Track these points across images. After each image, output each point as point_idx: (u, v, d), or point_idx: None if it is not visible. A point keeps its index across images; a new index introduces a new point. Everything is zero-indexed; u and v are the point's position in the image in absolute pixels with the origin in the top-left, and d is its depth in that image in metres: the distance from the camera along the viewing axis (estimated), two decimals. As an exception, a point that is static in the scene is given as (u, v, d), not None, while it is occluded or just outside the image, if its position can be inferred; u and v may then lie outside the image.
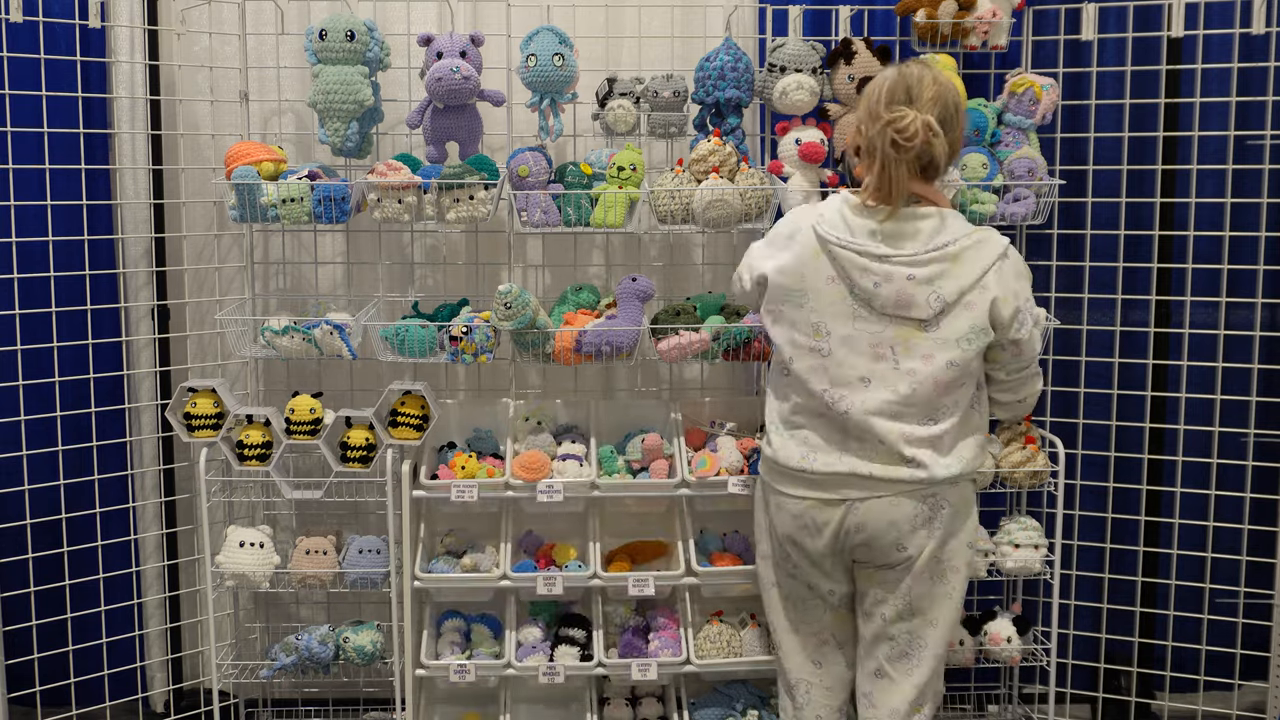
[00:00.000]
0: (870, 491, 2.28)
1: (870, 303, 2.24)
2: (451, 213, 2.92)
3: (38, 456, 3.07)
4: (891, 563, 2.33)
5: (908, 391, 2.25)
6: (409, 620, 2.92)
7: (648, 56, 3.28)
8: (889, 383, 2.25)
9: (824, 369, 2.29)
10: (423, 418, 2.96)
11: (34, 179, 3.07)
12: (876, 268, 2.23)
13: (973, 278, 2.23)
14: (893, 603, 2.36)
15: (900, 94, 2.23)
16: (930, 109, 2.22)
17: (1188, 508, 3.27)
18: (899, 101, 2.23)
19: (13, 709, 3.15)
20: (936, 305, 2.23)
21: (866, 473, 2.27)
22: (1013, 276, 2.28)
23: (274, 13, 3.16)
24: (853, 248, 2.24)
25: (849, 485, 2.30)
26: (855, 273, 2.24)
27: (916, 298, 2.22)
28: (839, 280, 2.26)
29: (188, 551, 3.33)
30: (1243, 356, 3.22)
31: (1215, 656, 3.24)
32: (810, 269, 2.29)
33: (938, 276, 2.22)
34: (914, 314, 2.23)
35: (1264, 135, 3.15)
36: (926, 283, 2.22)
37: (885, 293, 2.23)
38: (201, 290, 3.31)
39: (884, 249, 2.23)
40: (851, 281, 2.25)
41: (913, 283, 2.22)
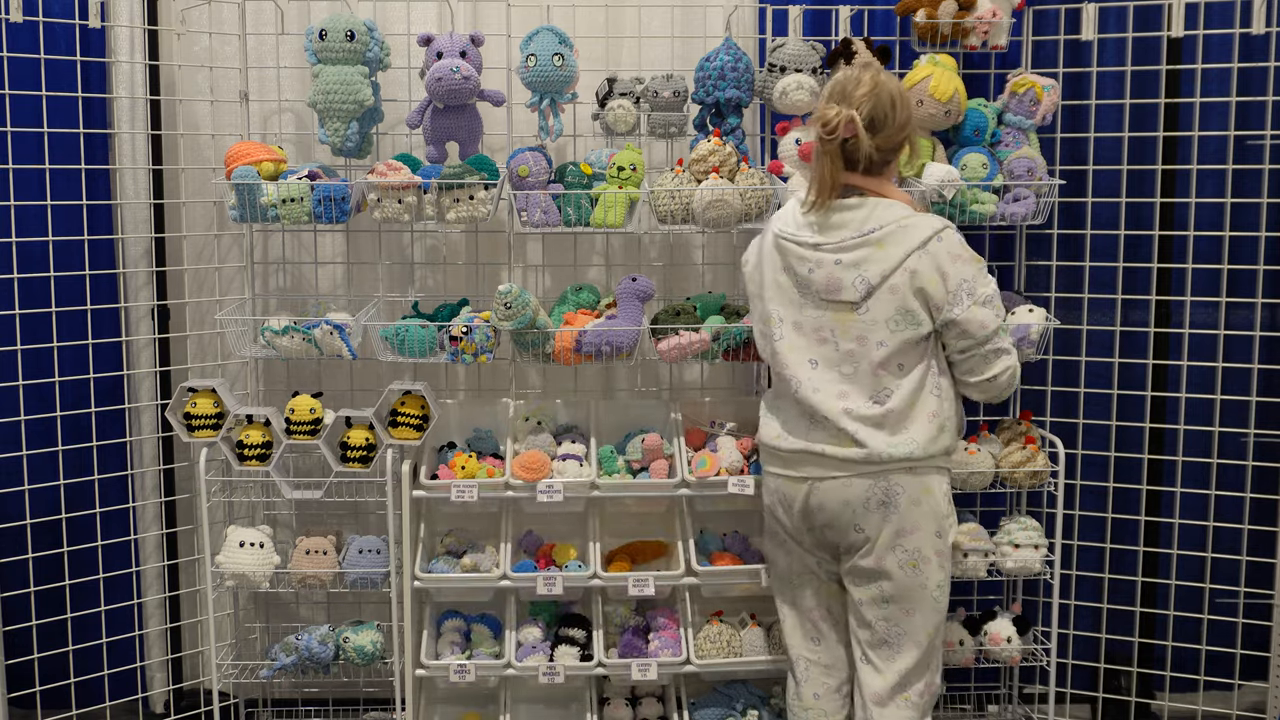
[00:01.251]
0: (826, 471, 2.43)
1: (807, 289, 2.41)
2: (451, 213, 2.92)
3: (38, 456, 3.07)
4: (853, 545, 2.45)
5: (849, 371, 2.40)
6: (409, 620, 2.92)
7: (648, 56, 3.28)
8: (832, 364, 2.41)
9: (784, 353, 2.46)
10: (423, 418, 2.96)
11: (34, 179, 3.07)
12: (810, 255, 2.39)
13: (895, 261, 2.33)
14: (866, 588, 2.46)
15: (836, 92, 2.38)
16: (862, 105, 2.33)
17: (1188, 508, 3.27)
18: (833, 99, 2.37)
19: (13, 709, 3.15)
20: (862, 288, 2.35)
21: (819, 450, 2.42)
22: (947, 259, 2.35)
23: (274, 13, 3.16)
24: (793, 239, 2.41)
25: (808, 464, 2.45)
26: (794, 261, 2.41)
27: (844, 281, 2.36)
28: (785, 271, 2.44)
29: (188, 551, 3.33)
30: (1243, 356, 3.22)
31: (1215, 656, 3.24)
32: (768, 263, 2.49)
33: (863, 261, 2.34)
34: (843, 297, 2.37)
35: (1264, 135, 3.15)
36: (852, 267, 2.35)
37: (818, 278, 2.39)
38: (201, 290, 3.31)
39: (817, 237, 2.38)
40: (793, 271, 2.42)
41: (839, 267, 2.36)
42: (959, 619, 3.13)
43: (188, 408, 3.00)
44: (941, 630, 2.50)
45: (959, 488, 3.06)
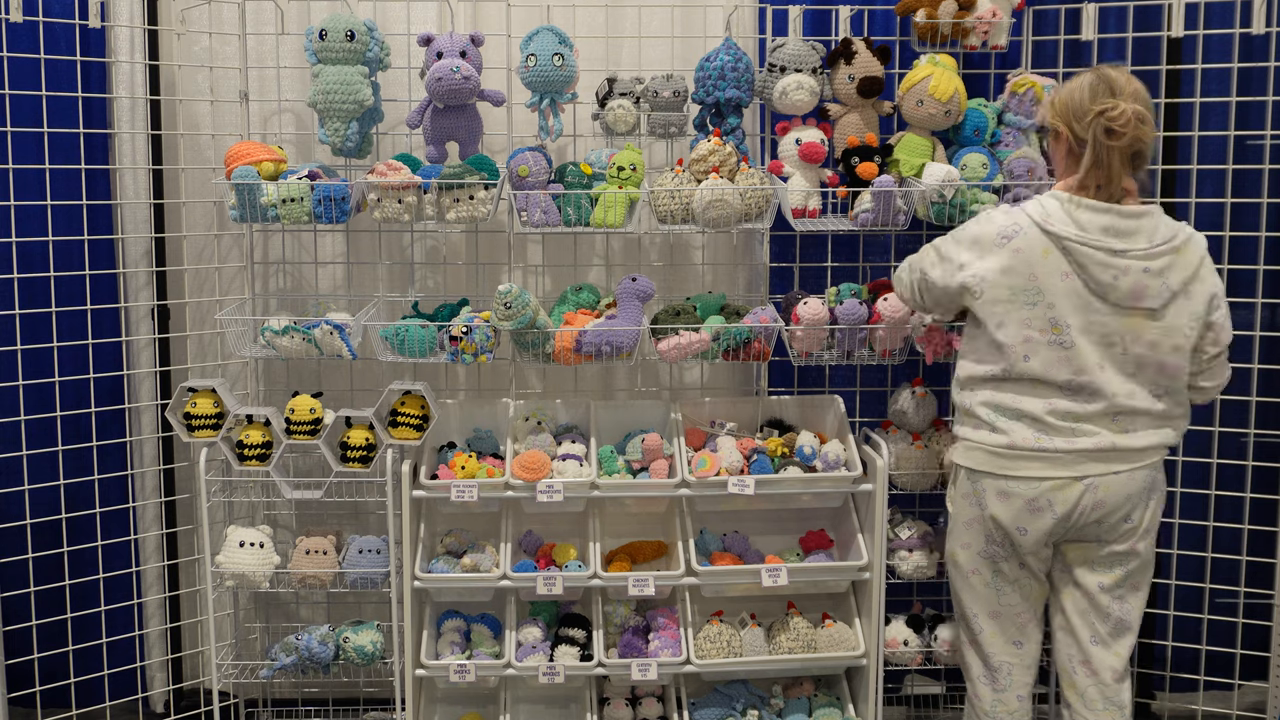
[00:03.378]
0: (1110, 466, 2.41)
1: (1105, 296, 2.36)
2: (451, 213, 2.92)
3: (38, 456, 3.07)
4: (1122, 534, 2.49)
5: (1132, 372, 2.39)
6: (409, 620, 2.92)
7: (648, 56, 3.28)
8: (1120, 367, 2.38)
9: (1067, 360, 2.38)
10: (423, 418, 2.96)
11: (34, 179, 3.07)
12: (1116, 262, 2.34)
13: (1193, 268, 2.37)
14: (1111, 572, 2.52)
15: (1102, 89, 2.35)
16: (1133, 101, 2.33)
17: (1188, 508, 3.27)
18: (1103, 95, 2.34)
19: (13, 709, 3.15)
20: (1165, 295, 2.36)
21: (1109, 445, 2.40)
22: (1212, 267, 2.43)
23: (274, 13, 3.16)
24: (1094, 244, 2.34)
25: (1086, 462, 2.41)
26: (1095, 268, 2.35)
27: (1150, 289, 2.35)
28: (1074, 275, 2.36)
29: (188, 551, 3.33)
30: (1243, 356, 3.22)
31: (1215, 656, 3.24)
32: (1043, 267, 2.37)
33: (1167, 269, 2.35)
34: (1146, 304, 2.36)
35: (1264, 135, 3.15)
36: (1158, 275, 2.35)
37: (1124, 285, 2.35)
38: (201, 290, 3.31)
39: (1120, 244, 2.34)
40: (1090, 276, 2.35)
41: (1148, 275, 2.34)
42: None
43: (188, 408, 3.00)
44: None
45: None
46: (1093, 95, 2.34)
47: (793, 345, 2.99)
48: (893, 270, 3.29)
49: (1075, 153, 2.39)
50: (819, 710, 3.01)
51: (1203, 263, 2.39)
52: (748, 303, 3.17)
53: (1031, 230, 2.37)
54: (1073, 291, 2.35)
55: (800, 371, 3.31)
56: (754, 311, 2.98)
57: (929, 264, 2.55)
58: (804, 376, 3.35)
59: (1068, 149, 2.41)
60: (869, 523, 2.97)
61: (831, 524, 3.15)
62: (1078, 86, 2.38)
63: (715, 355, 2.96)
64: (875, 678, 2.97)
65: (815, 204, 3.04)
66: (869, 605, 2.97)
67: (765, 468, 2.93)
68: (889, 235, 3.32)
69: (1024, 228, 2.38)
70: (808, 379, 3.36)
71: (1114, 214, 2.34)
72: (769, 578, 2.89)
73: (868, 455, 2.99)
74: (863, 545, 2.96)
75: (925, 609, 3.23)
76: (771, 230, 3.18)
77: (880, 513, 2.93)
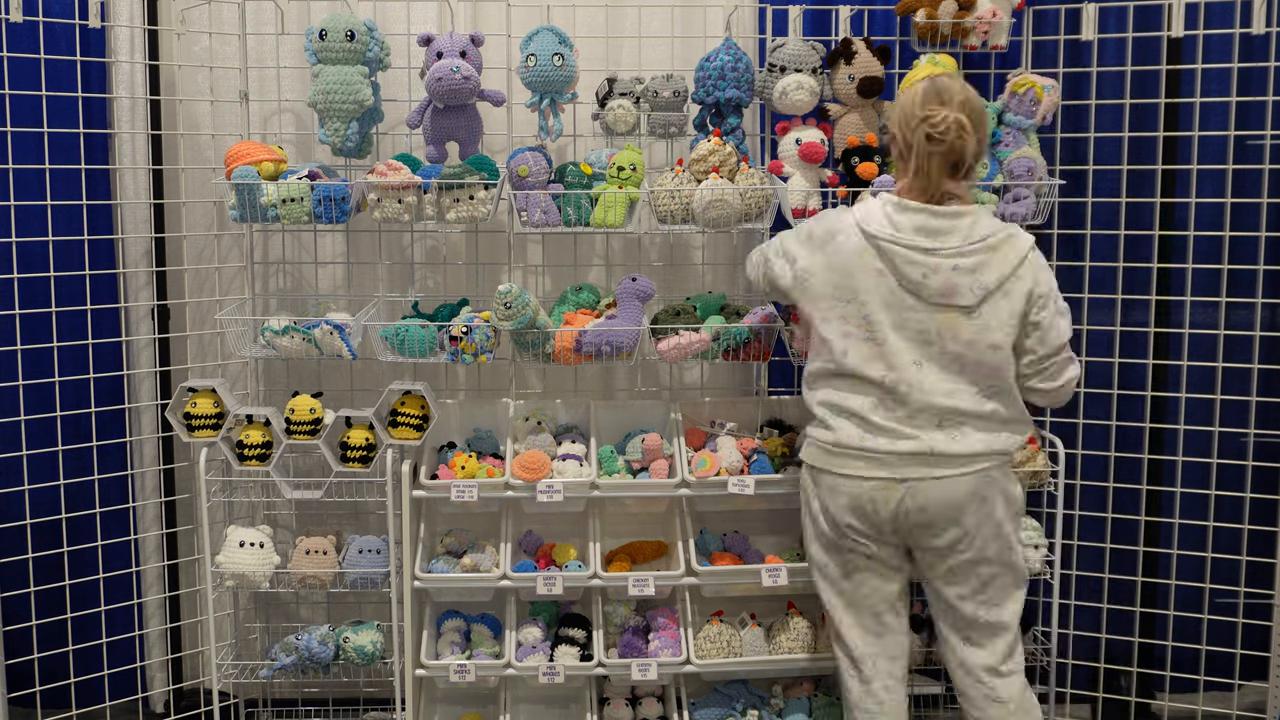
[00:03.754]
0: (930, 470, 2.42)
1: (917, 293, 2.39)
2: (451, 213, 2.92)
3: (38, 456, 3.07)
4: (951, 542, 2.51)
5: (956, 370, 2.41)
6: (409, 620, 2.92)
7: (648, 56, 3.28)
8: (938, 364, 2.41)
9: (880, 355, 2.41)
10: (423, 418, 2.96)
11: (34, 179, 3.07)
12: (925, 260, 2.38)
13: (1010, 266, 2.40)
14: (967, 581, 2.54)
15: (932, 96, 2.41)
16: (959, 110, 2.39)
17: (1188, 508, 3.27)
18: (930, 102, 2.40)
19: (13, 709, 3.15)
20: (979, 293, 2.39)
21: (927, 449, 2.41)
22: (1041, 267, 2.45)
23: (274, 13, 3.16)
24: (904, 243, 2.39)
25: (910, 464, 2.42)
26: (905, 266, 2.39)
27: (960, 286, 2.38)
28: (887, 273, 2.40)
29: (188, 551, 3.33)
30: (1243, 356, 3.22)
31: (1215, 656, 3.24)
32: (859, 266, 2.42)
33: (979, 267, 2.39)
34: (959, 301, 2.39)
35: (1264, 135, 3.15)
36: (969, 273, 2.38)
37: (934, 283, 2.38)
38: (201, 290, 3.31)
39: (930, 243, 2.39)
40: (901, 274, 2.39)
41: (957, 273, 2.38)
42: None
43: (188, 408, 3.00)
44: None
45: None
46: (923, 102, 2.40)
47: (793, 345, 2.99)
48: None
49: (905, 157, 2.44)
50: (819, 710, 3.01)
51: (1024, 262, 2.40)
52: (747, 303, 3.17)
53: (853, 230, 2.43)
54: (886, 289, 2.40)
55: (800, 371, 3.30)
56: (754, 311, 2.98)
57: (773, 253, 2.61)
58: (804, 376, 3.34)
59: (899, 153, 2.47)
60: (869, 523, 2.96)
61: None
62: (913, 93, 2.44)
63: (715, 355, 2.96)
64: (875, 678, 2.97)
65: (815, 204, 3.04)
66: (869, 605, 2.97)
67: (765, 468, 2.93)
68: (889, 235, 3.31)
69: (847, 227, 2.45)
70: (808, 379, 3.36)
71: (928, 214, 2.39)
72: (769, 578, 2.89)
73: (868, 455, 2.99)
74: (863, 545, 2.96)
75: (925, 609, 3.23)
76: (771, 230, 3.18)
77: (880, 513, 2.93)
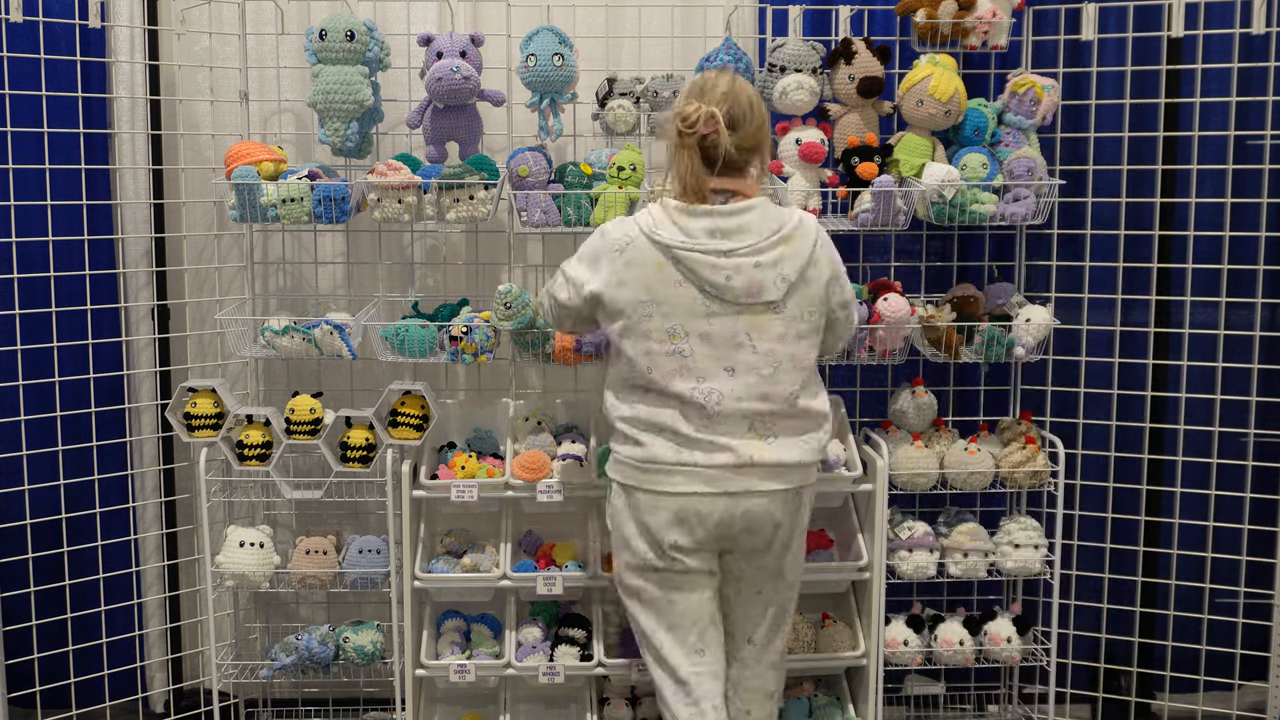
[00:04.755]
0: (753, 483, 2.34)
1: (721, 296, 2.30)
2: (451, 213, 2.92)
3: (38, 456, 3.07)
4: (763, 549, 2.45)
5: (768, 373, 2.32)
6: (409, 620, 2.92)
7: (648, 56, 3.28)
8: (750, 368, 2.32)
9: (687, 368, 2.31)
10: (423, 418, 2.96)
11: (34, 179, 3.07)
12: (725, 262, 2.29)
13: (806, 254, 2.33)
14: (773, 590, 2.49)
15: (694, 92, 2.34)
16: (719, 103, 2.29)
17: (1188, 508, 3.27)
18: (692, 97, 2.33)
19: (13, 709, 3.15)
20: (783, 287, 2.31)
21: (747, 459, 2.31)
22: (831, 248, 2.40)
23: (274, 13, 3.16)
24: (698, 248, 2.29)
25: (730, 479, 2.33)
26: (705, 270, 2.29)
27: (765, 282, 2.30)
28: (687, 282, 2.30)
29: (188, 551, 3.33)
30: (1243, 356, 3.22)
31: (1215, 656, 3.24)
32: (656, 277, 2.31)
33: (780, 260, 2.31)
34: (765, 298, 2.31)
35: (1264, 135, 3.15)
36: (772, 267, 2.30)
37: (738, 283, 2.29)
38: (201, 290, 3.31)
39: (725, 244, 2.29)
40: (702, 280, 2.30)
41: (760, 269, 2.30)
42: (959, 619, 3.13)
43: (188, 408, 3.00)
44: None
45: (959, 488, 3.07)
46: (686, 99, 2.33)
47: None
48: (892, 271, 3.30)
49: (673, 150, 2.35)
50: (819, 710, 3.01)
51: (816, 245, 2.34)
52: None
53: (641, 240, 2.32)
54: (689, 298, 2.29)
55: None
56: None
57: (557, 287, 2.48)
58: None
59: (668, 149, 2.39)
60: (869, 523, 2.97)
61: (831, 524, 3.15)
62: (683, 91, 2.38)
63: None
64: (875, 678, 2.97)
65: (815, 204, 3.04)
66: (869, 605, 2.97)
67: (765, 468, 2.93)
68: (889, 235, 3.31)
69: (634, 238, 2.33)
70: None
71: (715, 215, 2.29)
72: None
73: (868, 455, 2.99)
74: (863, 545, 2.96)
75: (925, 609, 3.23)
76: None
77: (880, 513, 2.93)
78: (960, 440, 3.10)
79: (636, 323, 2.33)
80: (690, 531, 2.34)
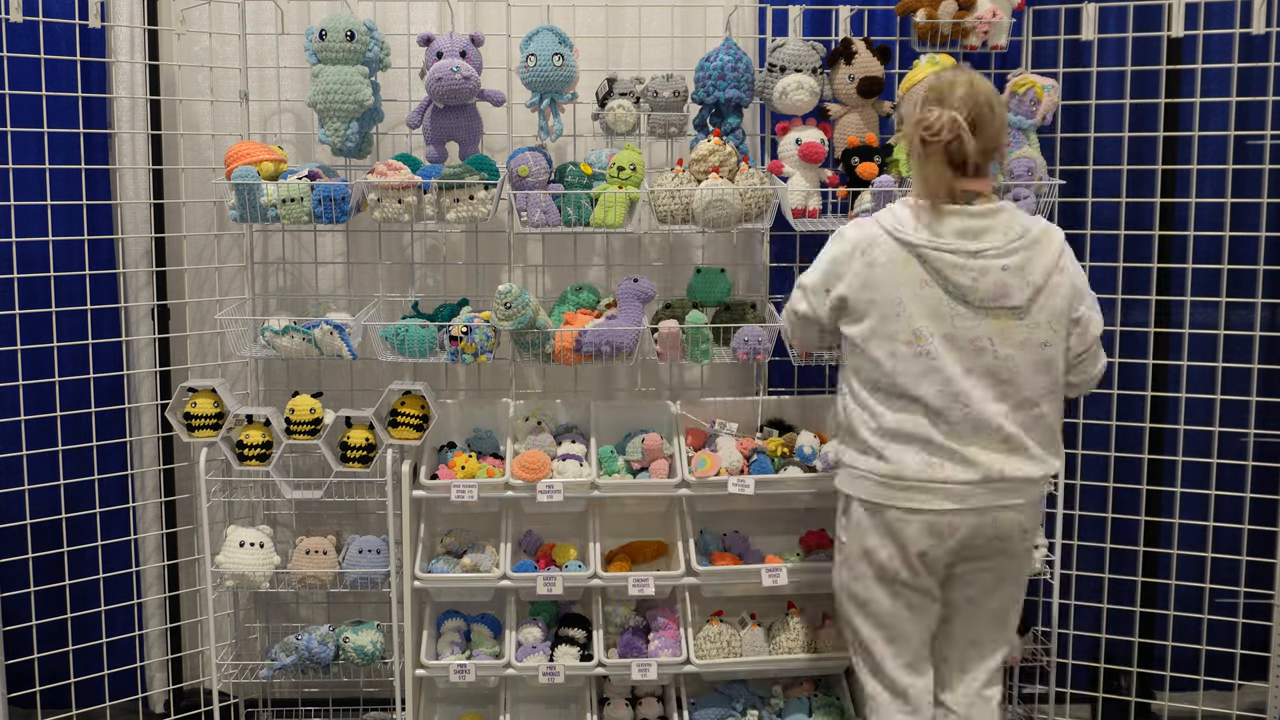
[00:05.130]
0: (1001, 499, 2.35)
1: (966, 299, 2.29)
2: (451, 213, 2.92)
3: (38, 456, 3.07)
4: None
5: (1006, 378, 2.31)
6: (409, 620, 2.92)
7: (648, 56, 3.28)
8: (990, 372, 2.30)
9: (932, 370, 2.30)
10: (423, 418, 2.96)
11: (34, 179, 3.07)
12: (972, 263, 2.28)
13: (1053, 260, 2.33)
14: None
15: (933, 97, 2.33)
16: (960, 107, 2.29)
17: (1188, 508, 3.27)
18: (930, 102, 2.32)
19: (13, 709, 3.15)
20: (1028, 292, 2.30)
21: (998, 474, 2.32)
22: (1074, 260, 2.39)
23: (274, 13, 3.16)
24: (946, 248, 2.28)
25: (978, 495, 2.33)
26: (951, 271, 2.28)
27: (1011, 286, 2.29)
28: (931, 283, 2.30)
29: (188, 551, 3.33)
30: (1243, 356, 3.22)
31: (1215, 656, 3.24)
32: (903, 277, 2.31)
33: (1026, 264, 2.30)
34: (1010, 303, 2.29)
35: (1264, 135, 3.15)
36: (1018, 271, 2.29)
37: (984, 286, 2.29)
38: (201, 290, 3.31)
39: (972, 244, 2.29)
40: (948, 281, 2.29)
41: (1007, 273, 2.29)
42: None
43: (188, 408, 3.00)
44: None
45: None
46: (923, 104, 2.33)
47: (793, 345, 2.98)
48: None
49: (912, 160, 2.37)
50: (819, 710, 3.01)
51: (1061, 254, 2.34)
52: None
53: (884, 239, 2.32)
54: (934, 299, 2.29)
55: (800, 371, 3.31)
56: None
57: (795, 301, 2.48)
58: (804, 376, 3.35)
59: (909, 155, 2.40)
60: (869, 523, 2.96)
61: (831, 524, 3.14)
62: (918, 92, 2.38)
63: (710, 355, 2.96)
64: (875, 678, 2.97)
65: (815, 204, 3.04)
66: (869, 605, 2.96)
67: (765, 468, 2.93)
68: (889, 235, 3.31)
69: (877, 238, 2.33)
70: (808, 379, 3.36)
71: (964, 215, 2.29)
72: (769, 578, 2.89)
73: (868, 455, 2.99)
74: (863, 545, 2.96)
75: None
76: (771, 230, 3.18)
77: (880, 513, 2.93)
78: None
79: (882, 324, 2.31)
80: (941, 541, 2.34)
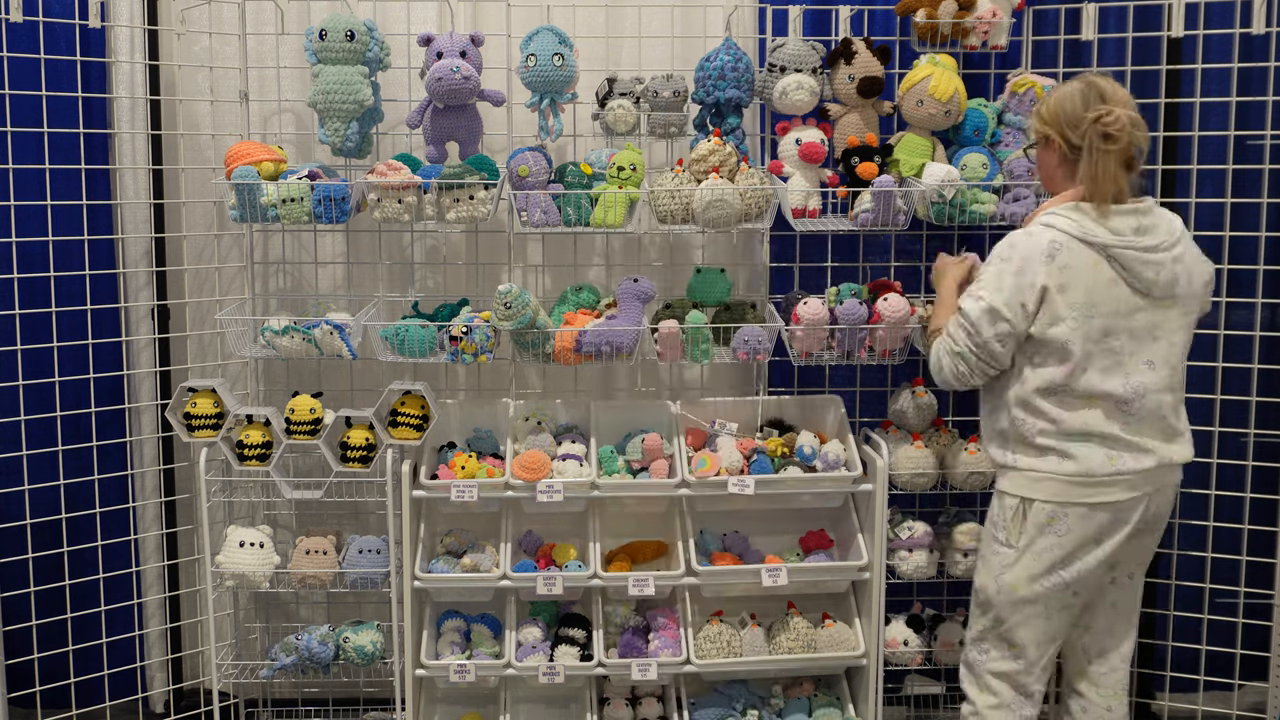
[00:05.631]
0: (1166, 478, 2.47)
1: (1147, 292, 2.37)
2: (451, 213, 2.92)
3: (38, 456, 3.07)
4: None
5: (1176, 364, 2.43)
6: (409, 620, 2.92)
7: (648, 56, 3.28)
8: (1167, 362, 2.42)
9: (1119, 365, 2.38)
10: (423, 418, 2.96)
11: (34, 179, 3.07)
12: (1154, 258, 2.36)
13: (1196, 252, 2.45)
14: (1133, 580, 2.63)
15: (1092, 96, 2.37)
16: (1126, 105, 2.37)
17: (1188, 508, 3.27)
18: (1093, 103, 2.37)
19: (13, 709, 3.15)
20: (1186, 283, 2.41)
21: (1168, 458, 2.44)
22: None
23: (274, 13, 3.16)
24: (1133, 246, 2.35)
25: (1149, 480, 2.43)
26: (1140, 267, 2.36)
27: (1179, 278, 2.40)
28: (1121, 281, 2.36)
29: (188, 551, 3.33)
30: (1243, 356, 3.22)
31: (1215, 656, 3.24)
32: (1093, 279, 2.35)
33: (1183, 257, 2.41)
34: (1178, 292, 2.40)
35: (1264, 135, 3.15)
36: (1180, 263, 2.40)
37: (1163, 278, 2.38)
38: (201, 290, 3.31)
39: (1147, 240, 2.36)
40: (1138, 276, 2.36)
41: (1179, 265, 2.39)
42: (959, 619, 3.13)
43: (188, 408, 3.00)
44: None
45: (959, 488, 3.07)
46: (1085, 103, 2.36)
47: (793, 345, 2.99)
48: (892, 271, 3.30)
49: (1069, 160, 2.39)
50: (819, 710, 3.01)
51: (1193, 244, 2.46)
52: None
53: (1071, 243, 2.35)
54: (1121, 296, 2.36)
55: (800, 371, 3.31)
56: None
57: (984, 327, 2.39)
58: (804, 376, 3.35)
59: (1060, 157, 2.41)
60: (869, 523, 2.97)
61: (831, 524, 3.15)
62: (1068, 95, 2.39)
63: (710, 356, 2.96)
64: (875, 678, 2.97)
65: (815, 204, 3.04)
66: (869, 605, 2.97)
67: (765, 468, 2.93)
68: (889, 235, 3.32)
69: (1063, 243, 2.35)
70: (808, 379, 3.36)
71: (1137, 214, 2.37)
72: (769, 578, 2.89)
73: (868, 455, 2.99)
74: (863, 545, 2.96)
75: (925, 609, 3.23)
76: (771, 230, 3.18)
77: (880, 513, 2.93)
78: (960, 440, 3.10)
79: (1079, 325, 2.36)
80: (1119, 531, 2.41)
